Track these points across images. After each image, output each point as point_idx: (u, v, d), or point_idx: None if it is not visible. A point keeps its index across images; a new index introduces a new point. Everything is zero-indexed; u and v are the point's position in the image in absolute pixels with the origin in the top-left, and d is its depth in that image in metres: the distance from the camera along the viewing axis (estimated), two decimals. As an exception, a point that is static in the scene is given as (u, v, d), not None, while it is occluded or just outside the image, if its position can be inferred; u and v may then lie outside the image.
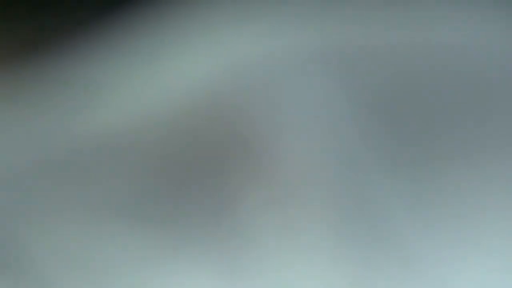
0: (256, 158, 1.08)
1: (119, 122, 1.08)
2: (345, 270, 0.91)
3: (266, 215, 1.05)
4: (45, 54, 1.06)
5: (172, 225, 1.01)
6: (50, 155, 1.07)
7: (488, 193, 0.99)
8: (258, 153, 1.02)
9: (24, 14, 1.31)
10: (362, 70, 1.12)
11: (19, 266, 1.04)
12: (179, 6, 1.01)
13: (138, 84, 1.10)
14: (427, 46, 1.20)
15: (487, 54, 1.28)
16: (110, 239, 1.02)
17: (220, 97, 1.06)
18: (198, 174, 1.14)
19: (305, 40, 1.10)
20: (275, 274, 1.01)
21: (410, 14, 1.14)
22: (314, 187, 0.96)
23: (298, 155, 1.00)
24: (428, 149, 1.09)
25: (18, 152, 1.07)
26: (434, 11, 1.19)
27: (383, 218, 0.93)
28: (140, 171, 1.15)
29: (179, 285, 1.01)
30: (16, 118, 1.04)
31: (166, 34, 1.02)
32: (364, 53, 1.15)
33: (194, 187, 1.09)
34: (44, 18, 1.22)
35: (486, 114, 1.24)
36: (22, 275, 1.08)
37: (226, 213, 1.12)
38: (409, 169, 1.11)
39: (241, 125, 1.08)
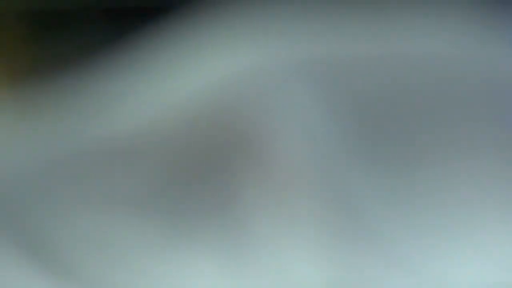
0: (254, 157, 1.31)
1: (133, 125, 1.31)
2: (331, 256, 1.13)
3: (263, 208, 1.27)
4: (66, 68, 1.27)
5: (180, 218, 1.21)
6: (71, 154, 1.28)
7: (457, 187, 1.23)
8: (255, 152, 1.26)
9: (48, 33, 1.54)
10: (343, 78, 1.35)
11: (46, 252, 1.25)
12: (183, 25, 1.22)
13: (148, 93, 1.32)
14: (405, 56, 1.44)
15: (461, 62, 1.52)
16: (125, 229, 1.23)
17: (220, 103, 1.28)
18: (202, 172, 1.36)
19: (292, 52, 1.32)
20: (272, 260, 1.22)
21: (389, 26, 1.36)
22: (303, 182, 1.19)
23: (289, 155, 1.23)
24: (404, 150, 1.32)
25: (46, 151, 1.29)
26: (411, 23, 1.41)
27: (364, 210, 1.16)
28: (151, 169, 1.36)
29: (187, 268, 1.21)
30: (46, 121, 1.25)
31: (173, 49, 1.23)
32: (346, 63, 1.39)
33: (198, 184, 1.31)
34: (63, 37, 1.45)
35: (456, 118, 1.48)
36: (48, 260, 1.30)
37: (227, 207, 1.33)
38: (387, 168, 1.34)
39: (239, 128, 1.31)
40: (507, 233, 1.40)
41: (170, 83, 1.32)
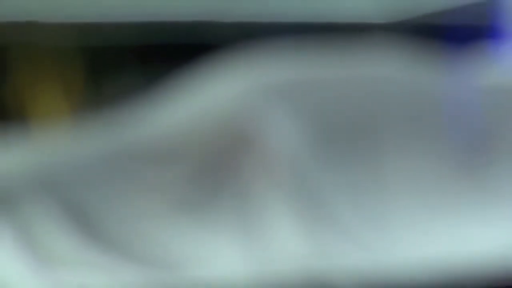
0: (250, 154, 1.97)
1: (165, 132, 1.95)
2: (305, 229, 1.75)
3: (262, 192, 1.89)
4: (120, 96, 1.92)
5: (204, 201, 1.80)
6: (120, 153, 1.90)
7: (402, 181, 1.85)
8: (251, 150, 1.92)
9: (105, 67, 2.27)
10: (313, 96, 2.02)
11: (97, 227, 1.90)
12: (198, 68, 1.87)
13: (177, 109, 1.96)
14: (364, 78, 2.10)
15: (407, 84, 2.18)
16: (162, 212, 1.84)
17: (226, 118, 1.94)
18: (215, 168, 1.98)
19: (275, 78, 1.98)
20: (270, 229, 1.86)
21: (352, 55, 2.02)
22: (289, 174, 1.81)
23: (275, 153, 1.86)
24: (362, 152, 1.95)
25: (101, 152, 1.93)
26: (370, 53, 2.07)
27: (328, 195, 1.77)
28: (177, 165, 1.98)
29: (211, 239, 1.82)
30: (100, 131, 1.89)
31: (193, 83, 1.87)
32: (315, 85, 2.06)
33: (214, 177, 1.92)
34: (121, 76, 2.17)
35: (402, 127, 2.12)
36: (98, 234, 1.94)
37: (238, 192, 1.96)
38: (348, 166, 1.95)
39: (239, 133, 1.96)
40: (443, 212, 2.05)
41: (192, 102, 1.98)
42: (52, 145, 3.13)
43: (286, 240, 2.49)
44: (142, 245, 2.47)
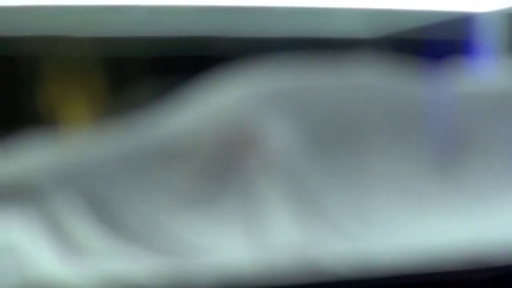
0: (254, 154, 2.30)
1: (176, 134, 2.27)
2: (299, 218, 2.03)
3: (263, 187, 2.20)
4: (141, 105, 2.21)
5: (211, 196, 2.08)
6: (137, 153, 2.21)
7: (383, 178, 2.16)
8: (252, 149, 2.25)
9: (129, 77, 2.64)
10: (306, 101, 2.35)
11: (119, 222, 2.21)
12: (207, 80, 2.19)
13: (188, 114, 2.26)
14: (352, 86, 2.42)
15: (392, 91, 2.49)
16: (176, 206, 2.12)
17: (230, 121, 2.25)
18: (221, 165, 2.30)
19: (272, 86, 2.30)
20: (270, 221, 2.18)
21: (340, 66, 2.35)
22: (285, 172, 2.12)
23: (272, 151, 2.16)
24: (349, 155, 2.26)
25: (123, 151, 2.23)
26: (356, 64, 2.40)
27: (317, 189, 2.07)
28: (187, 163, 2.29)
29: (218, 229, 2.13)
30: (127, 133, 2.19)
31: (201, 91, 2.18)
32: (308, 92, 2.39)
33: (220, 174, 2.23)
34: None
35: (387, 131, 2.44)
36: (115, 228, 2.26)
37: (241, 187, 2.28)
38: (337, 166, 2.27)
39: (244, 136, 2.27)
40: (420, 207, 2.36)
41: (200, 107, 2.30)
42: (78, 146, 3.45)
43: (283, 231, 2.81)
44: (158, 236, 2.77)
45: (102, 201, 2.87)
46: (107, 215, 2.87)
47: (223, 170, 2.88)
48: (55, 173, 2.88)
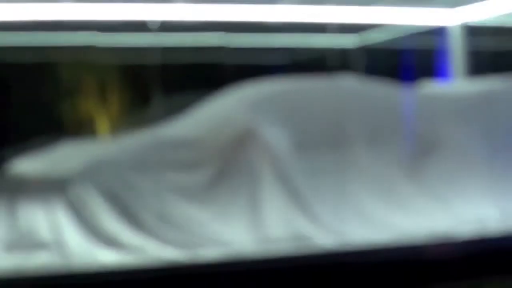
0: (252, 149, 2.83)
1: (188, 134, 2.76)
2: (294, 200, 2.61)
3: (262, 175, 2.71)
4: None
5: (218, 189, 2.54)
6: (154, 153, 2.70)
7: (361, 174, 2.65)
8: (252, 146, 2.79)
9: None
10: (293, 104, 2.88)
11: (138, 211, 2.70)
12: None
13: (200, 116, 2.75)
14: (334, 90, 2.93)
15: (370, 95, 3.00)
16: (185, 194, 2.62)
17: (239, 120, 2.75)
18: (226, 160, 2.80)
19: (268, 92, 2.82)
20: (269, 204, 2.71)
21: (324, 74, 2.89)
22: (278, 164, 2.61)
23: (267, 148, 2.66)
24: (331, 150, 2.75)
25: (142, 151, 2.74)
26: (339, 72, 2.93)
27: (301, 182, 2.57)
28: (197, 157, 2.76)
29: (225, 219, 2.65)
30: (148, 133, 2.71)
31: (213, 98, 2.72)
32: (295, 96, 2.93)
33: (224, 168, 2.73)
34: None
35: (363, 130, 2.95)
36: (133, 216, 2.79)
37: (244, 175, 2.79)
38: (319, 159, 2.77)
39: (247, 132, 2.78)
40: (389, 201, 2.91)
41: (209, 111, 2.77)
42: (104, 146, 3.89)
43: (275, 218, 3.32)
44: (171, 227, 3.24)
45: (119, 197, 3.32)
46: (124, 210, 3.33)
47: (227, 163, 3.39)
48: (82, 170, 3.30)
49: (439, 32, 4.82)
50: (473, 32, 4.79)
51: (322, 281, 3.26)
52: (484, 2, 4.66)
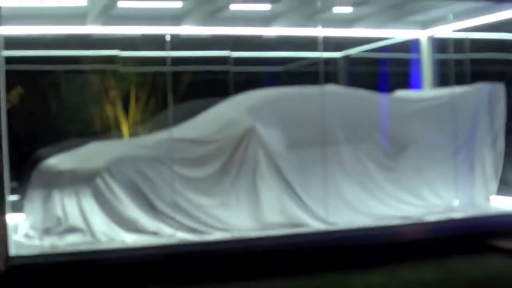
0: (251, 147, 3.47)
1: (198, 133, 3.35)
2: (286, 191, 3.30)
3: (262, 169, 3.29)
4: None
5: (223, 181, 3.17)
6: (169, 149, 3.34)
7: (345, 168, 3.21)
8: (253, 144, 3.42)
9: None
10: (284, 107, 3.55)
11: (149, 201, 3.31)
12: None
13: (206, 117, 3.36)
14: (318, 94, 3.55)
15: (351, 98, 3.62)
16: (195, 185, 3.18)
17: (241, 121, 3.35)
18: (229, 154, 3.40)
19: (263, 98, 3.44)
20: (268, 194, 3.31)
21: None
22: (271, 160, 3.15)
23: (266, 146, 3.24)
24: (316, 149, 3.32)
25: (161, 147, 3.38)
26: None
27: (292, 174, 3.13)
28: (205, 154, 3.34)
29: (229, 208, 3.26)
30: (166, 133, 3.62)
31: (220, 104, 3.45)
32: (285, 100, 3.59)
33: (231, 160, 3.31)
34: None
35: (345, 129, 3.57)
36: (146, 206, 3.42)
37: (245, 169, 3.38)
38: (309, 155, 3.36)
39: (249, 131, 3.37)
40: (367, 194, 3.58)
41: (215, 113, 3.37)
42: (125, 145, 4.35)
43: (271, 205, 3.79)
44: (182, 214, 3.70)
45: (138, 187, 3.82)
46: (142, 197, 3.80)
47: (230, 160, 3.87)
48: (106, 166, 3.91)
49: (412, 44, 5.53)
50: (439, 44, 5.50)
51: (312, 258, 3.88)
52: (449, 24, 5.21)
